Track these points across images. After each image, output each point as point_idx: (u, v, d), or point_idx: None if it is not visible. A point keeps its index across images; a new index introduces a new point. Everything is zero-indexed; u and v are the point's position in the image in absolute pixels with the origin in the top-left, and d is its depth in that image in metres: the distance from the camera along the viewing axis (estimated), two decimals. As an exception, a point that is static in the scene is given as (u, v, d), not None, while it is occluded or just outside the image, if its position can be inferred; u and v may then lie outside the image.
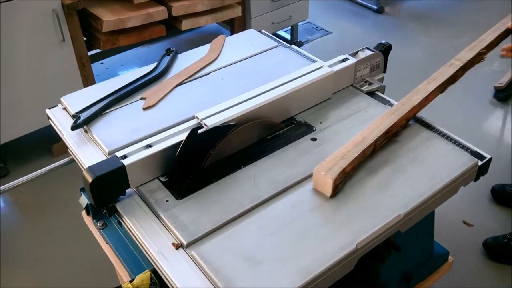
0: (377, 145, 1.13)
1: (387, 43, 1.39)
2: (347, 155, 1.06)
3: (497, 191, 2.24)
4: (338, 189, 1.04)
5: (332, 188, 1.01)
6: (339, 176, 1.02)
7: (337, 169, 1.02)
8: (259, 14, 2.97)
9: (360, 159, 1.09)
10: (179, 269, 0.91)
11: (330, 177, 1.01)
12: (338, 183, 1.03)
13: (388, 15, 3.85)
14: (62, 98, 1.34)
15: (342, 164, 1.04)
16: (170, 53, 1.49)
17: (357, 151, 1.07)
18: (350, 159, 1.05)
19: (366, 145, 1.09)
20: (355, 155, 1.06)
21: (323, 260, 0.90)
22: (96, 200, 1.02)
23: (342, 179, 1.04)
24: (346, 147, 1.09)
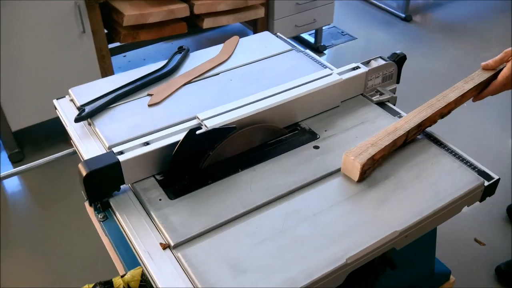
0: (409, 137, 1.15)
1: (401, 53, 1.36)
2: (378, 143, 1.09)
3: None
4: (365, 174, 1.07)
5: (359, 173, 1.05)
6: (368, 162, 1.05)
7: (366, 155, 1.06)
8: (283, 16, 2.94)
9: (390, 149, 1.11)
10: (164, 269, 0.90)
11: (359, 161, 1.04)
12: (366, 169, 1.06)
13: (416, 24, 3.78)
14: (70, 90, 1.34)
15: (371, 151, 1.07)
16: (182, 51, 1.48)
17: (388, 140, 1.10)
18: (380, 147, 1.08)
19: (398, 135, 1.11)
20: (385, 144, 1.09)
21: (310, 272, 0.88)
22: (89, 194, 1.02)
23: (371, 165, 1.07)
24: (378, 136, 1.11)
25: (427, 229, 1.02)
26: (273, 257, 0.91)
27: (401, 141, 1.14)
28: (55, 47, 2.28)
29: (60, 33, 2.26)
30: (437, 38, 3.60)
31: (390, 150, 1.12)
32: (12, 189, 2.42)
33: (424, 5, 4.10)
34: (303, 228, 0.96)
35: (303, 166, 1.10)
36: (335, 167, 1.09)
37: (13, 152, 2.47)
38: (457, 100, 1.22)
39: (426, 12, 3.97)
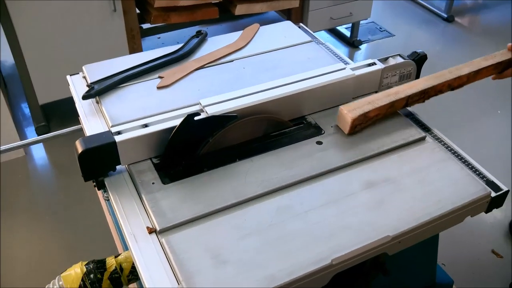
0: (410, 102, 1.16)
1: (422, 52, 1.30)
2: (375, 102, 1.12)
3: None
4: (356, 129, 1.11)
5: (350, 127, 1.10)
6: (359, 117, 1.09)
7: (359, 111, 1.09)
8: (318, 7, 2.89)
9: (387, 109, 1.14)
10: (146, 254, 0.89)
11: (351, 116, 1.08)
12: (356, 124, 1.10)
13: (458, 25, 3.66)
14: (84, 67, 1.35)
15: (366, 108, 1.10)
16: (199, 35, 1.46)
17: (385, 101, 1.13)
18: (376, 106, 1.11)
19: (397, 98, 1.13)
20: (382, 104, 1.12)
21: (292, 270, 0.85)
22: (84, 172, 1.02)
23: (363, 121, 1.11)
24: (377, 96, 1.15)
25: (423, 236, 0.98)
26: (257, 251, 0.89)
27: (401, 105, 1.16)
28: (85, 24, 2.31)
29: (92, 11, 2.28)
30: (479, 41, 3.48)
31: (388, 111, 1.15)
32: (37, 161, 2.48)
33: (467, 7, 3.96)
34: (292, 225, 0.94)
35: (303, 161, 1.07)
36: (335, 165, 1.06)
37: (39, 125, 2.52)
38: (470, 75, 1.18)
39: (469, 13, 3.84)
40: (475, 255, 1.99)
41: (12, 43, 2.22)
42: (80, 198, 2.22)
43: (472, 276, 1.89)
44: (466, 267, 1.93)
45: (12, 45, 2.23)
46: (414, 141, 1.14)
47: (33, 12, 2.17)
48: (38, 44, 2.26)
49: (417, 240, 0.97)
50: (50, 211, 2.18)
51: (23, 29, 2.19)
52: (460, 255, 1.97)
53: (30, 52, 2.27)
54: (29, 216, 2.16)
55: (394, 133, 1.14)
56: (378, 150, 1.10)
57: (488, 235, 2.07)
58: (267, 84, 1.17)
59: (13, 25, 2.16)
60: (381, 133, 1.14)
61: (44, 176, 2.41)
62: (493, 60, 1.24)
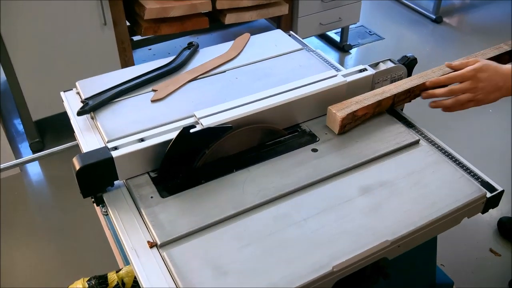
0: (396, 101, 1.21)
1: (412, 56, 1.32)
2: (362, 101, 1.17)
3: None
4: (346, 128, 1.16)
5: (339, 126, 1.14)
6: (348, 116, 1.13)
7: (347, 110, 1.14)
8: (307, 13, 2.91)
9: (375, 108, 1.19)
10: (148, 268, 0.90)
11: (340, 115, 1.13)
12: (346, 123, 1.15)
13: (447, 25, 3.69)
14: (77, 83, 1.35)
15: (354, 108, 1.15)
16: (191, 47, 1.47)
17: (372, 100, 1.17)
18: (363, 105, 1.15)
19: (384, 97, 1.18)
20: (369, 103, 1.16)
21: (293, 278, 0.86)
22: (82, 189, 1.02)
23: (351, 120, 1.16)
24: (365, 95, 1.19)
25: (422, 239, 0.99)
26: (257, 261, 0.89)
27: (388, 104, 1.20)
28: (76, 38, 2.31)
29: (82, 25, 2.29)
30: (468, 40, 3.51)
31: (375, 110, 1.19)
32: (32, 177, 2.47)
33: (455, 7, 4.00)
34: (291, 233, 0.94)
35: (298, 168, 1.08)
36: (331, 172, 1.07)
37: (34, 141, 2.52)
38: None
39: (457, 13, 3.87)
40: (473, 254, 2.00)
41: (3, 59, 2.22)
42: (78, 213, 2.21)
43: (471, 276, 1.90)
44: (465, 267, 1.94)
45: (3, 62, 2.23)
46: (408, 144, 1.15)
47: (23, 28, 2.17)
48: (29, 59, 2.26)
49: (416, 243, 0.98)
50: (48, 227, 2.18)
51: (14, 44, 2.19)
52: (459, 255, 1.98)
53: (22, 68, 2.27)
54: (27, 232, 2.15)
55: (388, 138, 1.16)
56: (373, 155, 1.11)
57: (485, 234, 2.09)
58: (261, 94, 1.18)
59: (3, 41, 2.16)
60: (376, 138, 1.16)
61: (40, 192, 2.40)
62: (474, 60, 1.26)
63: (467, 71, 1.18)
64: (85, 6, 2.24)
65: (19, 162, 1.29)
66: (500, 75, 1.17)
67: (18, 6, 2.11)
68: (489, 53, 1.32)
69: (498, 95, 1.18)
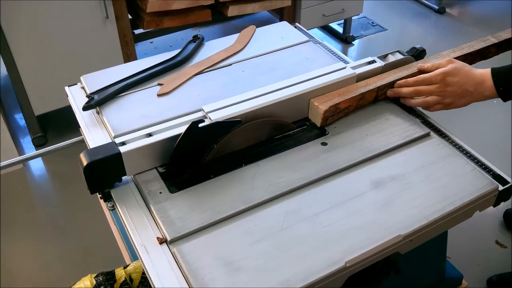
0: (380, 94, 1.21)
1: (421, 47, 1.30)
2: (345, 94, 1.16)
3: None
4: (328, 121, 1.15)
5: (321, 119, 1.13)
6: (330, 109, 1.13)
7: (330, 103, 1.13)
8: (310, 5, 2.89)
9: (358, 101, 1.18)
10: (158, 264, 0.89)
11: (322, 108, 1.12)
12: (328, 116, 1.14)
13: (450, 16, 3.67)
14: (82, 77, 1.33)
15: (336, 100, 1.14)
16: (196, 40, 1.45)
17: (355, 92, 1.16)
18: (346, 97, 1.15)
19: (367, 89, 1.17)
20: (352, 95, 1.15)
21: (307, 275, 0.85)
22: (90, 184, 1.01)
23: (334, 113, 1.15)
24: (348, 88, 1.18)
25: (434, 233, 0.98)
26: (270, 257, 0.88)
27: (372, 97, 1.20)
28: (78, 32, 2.29)
29: (84, 19, 2.27)
30: (472, 31, 3.48)
31: (359, 103, 1.18)
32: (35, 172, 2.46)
33: (459, -3, 3.98)
34: (303, 228, 0.93)
35: (308, 163, 1.07)
36: (341, 166, 1.06)
37: (36, 136, 2.50)
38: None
39: (460, 4, 3.84)
40: (479, 246, 2.00)
41: (5, 53, 2.20)
42: (82, 208, 2.20)
43: (477, 268, 1.89)
44: (471, 259, 1.93)
45: (5, 56, 2.21)
46: (419, 137, 1.14)
47: (25, 22, 2.15)
48: (31, 54, 2.25)
49: (428, 237, 0.97)
50: (52, 222, 2.17)
51: (15, 39, 2.17)
52: (464, 247, 1.98)
53: (24, 63, 2.25)
54: (31, 229, 2.14)
55: (399, 131, 1.14)
56: (383, 148, 1.10)
57: (491, 226, 2.08)
58: (269, 87, 1.16)
59: (5, 35, 2.14)
60: (386, 131, 1.14)
61: (43, 187, 2.39)
62: (460, 52, 1.28)
63: (436, 74, 1.16)
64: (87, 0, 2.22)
65: (24, 158, 1.28)
66: (471, 79, 1.14)
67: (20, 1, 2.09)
68: (476, 45, 1.30)
69: (469, 100, 1.16)
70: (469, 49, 1.28)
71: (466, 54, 1.27)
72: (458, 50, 1.28)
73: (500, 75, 1.13)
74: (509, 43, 1.31)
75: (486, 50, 1.30)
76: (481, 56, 1.31)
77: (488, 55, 1.32)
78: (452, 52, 1.28)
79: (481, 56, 1.31)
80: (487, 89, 1.14)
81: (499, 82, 1.12)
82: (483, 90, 1.14)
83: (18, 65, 2.24)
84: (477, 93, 1.15)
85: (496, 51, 1.32)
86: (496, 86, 1.12)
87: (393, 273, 1.03)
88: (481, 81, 1.14)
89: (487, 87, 1.13)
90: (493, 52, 1.32)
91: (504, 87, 1.12)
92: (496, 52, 1.33)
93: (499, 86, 1.12)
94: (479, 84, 1.14)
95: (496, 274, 1.83)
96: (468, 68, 1.16)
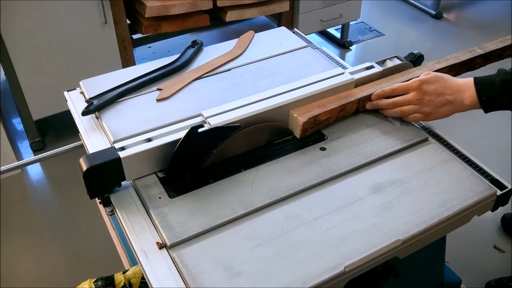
0: (361, 105, 1.19)
1: (419, 53, 1.31)
2: (325, 105, 1.15)
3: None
4: (308, 132, 1.14)
5: (300, 131, 1.12)
6: (309, 120, 1.11)
7: (309, 114, 1.12)
8: (308, 10, 2.90)
9: (339, 112, 1.17)
10: (158, 269, 0.89)
11: (301, 120, 1.10)
12: (307, 128, 1.12)
13: (447, 21, 3.68)
14: (81, 82, 1.34)
15: (315, 112, 1.12)
16: (195, 45, 1.46)
17: (336, 104, 1.15)
18: (326, 109, 1.13)
19: (348, 101, 1.16)
20: (332, 107, 1.14)
21: (306, 279, 0.85)
22: (89, 189, 1.01)
23: (313, 125, 1.13)
24: (328, 99, 1.17)
25: (432, 238, 0.98)
26: (269, 262, 0.88)
27: (353, 108, 1.18)
28: (77, 37, 2.30)
29: (83, 23, 2.27)
30: (468, 36, 3.50)
31: (340, 114, 1.17)
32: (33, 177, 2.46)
33: (454, 3, 3.99)
34: (302, 233, 0.94)
35: (307, 168, 1.07)
36: (340, 170, 1.06)
37: (34, 141, 2.50)
38: None
39: (457, 9, 3.87)
40: (477, 251, 2.00)
41: (3, 58, 2.20)
42: (80, 213, 2.20)
43: (475, 272, 1.90)
44: (469, 263, 1.94)
45: (3, 61, 2.22)
46: (417, 142, 1.14)
47: (23, 26, 2.15)
48: (29, 58, 2.25)
49: (427, 242, 0.97)
50: (50, 227, 2.17)
51: (14, 43, 2.17)
52: (463, 252, 1.98)
53: (22, 67, 2.25)
54: (29, 234, 2.14)
55: (397, 136, 1.15)
56: (382, 153, 1.10)
57: (489, 230, 2.08)
58: (268, 92, 1.17)
59: (3, 40, 2.14)
60: (384, 136, 1.15)
61: (41, 192, 2.39)
62: (446, 62, 1.26)
63: (413, 81, 1.14)
64: (85, 4, 2.23)
65: (22, 163, 1.27)
66: (450, 88, 1.11)
67: (18, 4, 2.10)
68: (462, 56, 1.27)
69: (449, 109, 1.13)
70: (454, 60, 1.25)
71: (451, 65, 1.25)
72: (443, 61, 1.26)
73: (483, 84, 1.10)
74: (496, 54, 1.29)
75: (473, 61, 1.28)
76: (467, 67, 1.29)
77: (474, 66, 1.29)
78: (437, 63, 1.25)
79: (467, 67, 1.29)
80: (468, 98, 1.10)
81: (482, 92, 1.09)
82: (464, 99, 1.10)
83: (16, 70, 2.24)
84: (457, 102, 1.11)
85: (483, 62, 1.29)
86: (479, 96, 1.09)
87: (392, 278, 1.04)
88: (463, 89, 1.11)
89: (468, 96, 1.10)
90: (480, 63, 1.29)
91: (487, 97, 1.09)
92: (483, 63, 1.30)
93: (482, 95, 1.09)
94: (460, 93, 1.11)
95: (495, 279, 1.83)
96: (447, 77, 1.13)
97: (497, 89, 1.08)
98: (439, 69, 1.24)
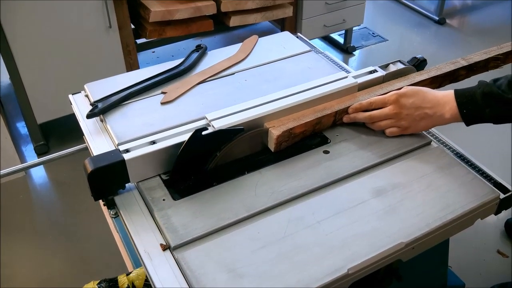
0: (338, 118, 1.17)
1: (422, 57, 1.32)
2: (300, 118, 1.13)
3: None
4: (282, 146, 1.11)
5: (274, 144, 1.10)
6: (283, 134, 1.09)
7: (283, 127, 1.10)
8: (312, 16, 2.91)
9: (314, 126, 1.15)
10: (161, 271, 0.89)
11: (275, 133, 1.08)
12: (281, 141, 1.10)
13: (450, 27, 3.69)
14: (86, 85, 1.35)
15: (290, 125, 1.11)
16: (199, 50, 1.47)
17: (311, 117, 1.13)
18: (301, 122, 1.11)
19: (324, 114, 1.14)
20: (307, 120, 1.12)
21: (309, 282, 0.86)
22: (94, 191, 1.02)
23: (288, 138, 1.11)
24: (304, 112, 1.15)
25: (436, 241, 0.98)
26: (273, 264, 0.89)
27: (330, 121, 1.16)
28: (82, 41, 2.31)
29: (87, 28, 2.29)
30: (471, 42, 3.51)
31: (316, 128, 1.15)
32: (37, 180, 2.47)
33: (457, 8, 4.00)
34: (306, 236, 0.94)
35: (311, 171, 1.07)
36: (343, 174, 1.06)
37: (38, 144, 2.51)
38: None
39: (460, 15, 3.87)
40: (481, 256, 2.00)
41: (8, 62, 2.22)
42: (84, 215, 2.21)
43: (479, 277, 1.89)
44: (473, 268, 1.94)
45: (8, 64, 2.23)
46: (420, 146, 1.14)
47: (28, 31, 2.17)
48: (34, 62, 2.26)
49: (430, 245, 0.97)
50: (54, 230, 2.17)
51: (19, 47, 2.19)
52: (466, 256, 1.98)
53: (27, 71, 2.27)
54: (33, 236, 2.14)
55: (400, 140, 1.15)
56: (385, 157, 1.11)
57: (492, 235, 2.08)
58: (272, 96, 1.17)
59: (9, 44, 2.16)
60: (387, 140, 1.15)
61: (45, 195, 2.40)
62: (427, 74, 1.24)
63: (390, 95, 1.13)
64: (90, 9, 2.24)
65: (26, 166, 1.28)
66: (429, 101, 1.09)
67: (23, 9, 2.11)
68: (445, 68, 1.25)
69: (428, 123, 1.11)
70: (436, 72, 1.24)
71: (433, 77, 1.24)
72: (425, 73, 1.25)
73: (464, 96, 1.07)
74: (481, 66, 1.27)
75: (456, 72, 1.26)
76: (450, 79, 1.27)
77: (458, 78, 1.27)
78: (418, 75, 1.24)
79: (450, 79, 1.27)
80: (448, 112, 1.08)
81: (463, 105, 1.06)
82: (445, 113, 1.08)
83: (21, 73, 2.26)
84: (436, 116, 1.09)
85: (467, 73, 1.28)
86: (460, 109, 1.06)
87: (395, 280, 1.04)
88: (442, 103, 1.08)
89: (449, 110, 1.08)
90: (464, 74, 1.27)
91: (469, 109, 1.06)
92: (467, 75, 1.28)
93: (463, 108, 1.06)
94: (440, 106, 1.08)
95: (498, 284, 1.83)
96: (426, 90, 1.11)
97: (478, 102, 1.05)
98: (421, 81, 1.22)
